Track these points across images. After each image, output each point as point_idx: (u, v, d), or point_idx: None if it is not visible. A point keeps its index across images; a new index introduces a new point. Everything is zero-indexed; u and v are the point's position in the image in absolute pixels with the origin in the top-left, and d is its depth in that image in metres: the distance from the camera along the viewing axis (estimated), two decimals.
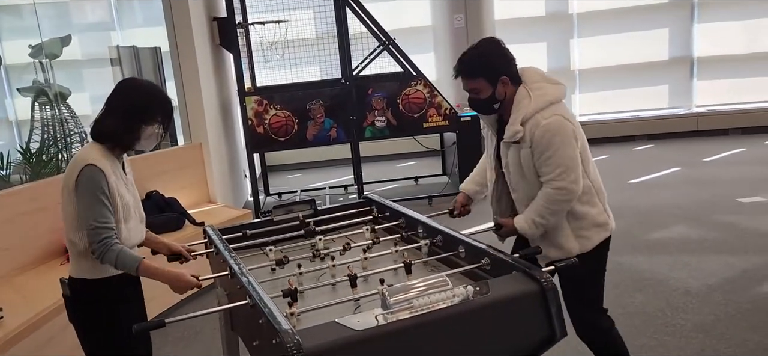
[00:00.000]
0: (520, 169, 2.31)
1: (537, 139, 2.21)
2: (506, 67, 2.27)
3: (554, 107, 2.24)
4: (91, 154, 2.14)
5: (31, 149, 6.32)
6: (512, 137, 2.26)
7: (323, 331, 1.51)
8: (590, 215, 2.34)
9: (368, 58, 6.07)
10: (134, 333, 1.72)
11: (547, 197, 2.26)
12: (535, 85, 2.27)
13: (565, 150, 2.21)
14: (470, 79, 2.29)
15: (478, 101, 2.33)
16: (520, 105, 2.25)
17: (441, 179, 7.12)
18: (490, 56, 2.27)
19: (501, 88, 2.27)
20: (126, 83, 2.28)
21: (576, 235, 2.34)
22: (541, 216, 2.28)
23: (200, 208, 5.18)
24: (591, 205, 2.34)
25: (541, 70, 2.36)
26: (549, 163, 2.22)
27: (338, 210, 2.89)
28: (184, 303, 4.15)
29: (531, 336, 1.72)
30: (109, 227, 2.08)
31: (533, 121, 2.22)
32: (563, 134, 2.20)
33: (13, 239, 3.79)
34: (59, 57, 6.74)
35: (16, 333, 2.96)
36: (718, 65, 8.55)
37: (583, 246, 2.34)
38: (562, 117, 2.22)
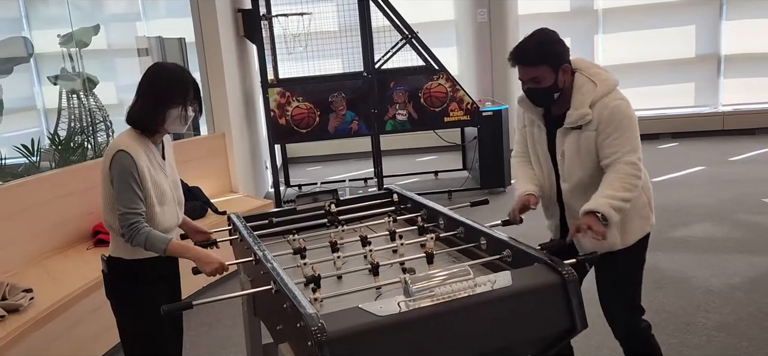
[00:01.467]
0: (577, 155, 2.27)
1: (606, 119, 2.20)
2: (566, 55, 2.26)
3: (617, 92, 2.26)
4: (123, 140, 2.21)
5: (59, 136, 6.47)
6: (578, 120, 2.23)
7: (347, 316, 1.54)
8: (636, 205, 2.28)
9: (391, 52, 6.08)
10: (163, 314, 1.77)
11: (620, 173, 2.18)
12: (593, 71, 2.28)
13: (633, 132, 2.22)
14: (533, 66, 2.22)
15: (538, 91, 2.26)
16: (583, 90, 2.24)
17: (461, 173, 7.12)
18: (553, 44, 2.24)
19: (562, 76, 2.24)
20: (153, 68, 2.32)
21: (618, 228, 2.27)
22: (623, 190, 2.17)
23: (222, 197, 5.26)
24: (637, 196, 2.29)
25: (586, 59, 2.37)
26: (617, 142, 2.19)
27: (360, 201, 2.92)
28: (208, 288, 4.22)
29: (551, 327, 1.73)
30: (138, 213, 2.14)
31: (601, 103, 2.21)
32: (631, 119, 2.23)
33: (43, 224, 3.90)
34: (89, 46, 6.87)
35: (47, 313, 3.05)
36: (746, 63, 8.39)
37: (625, 240, 2.30)
38: (626, 101, 2.24)
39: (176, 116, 2.24)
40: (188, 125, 2.37)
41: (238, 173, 5.67)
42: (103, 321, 3.24)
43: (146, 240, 2.14)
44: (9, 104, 7.11)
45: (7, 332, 2.85)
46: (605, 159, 2.23)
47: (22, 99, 8.25)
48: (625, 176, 2.18)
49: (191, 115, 2.31)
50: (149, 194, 2.20)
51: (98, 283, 3.27)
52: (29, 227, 3.79)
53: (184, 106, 2.25)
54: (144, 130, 2.26)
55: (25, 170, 5.91)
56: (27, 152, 5.94)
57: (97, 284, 3.30)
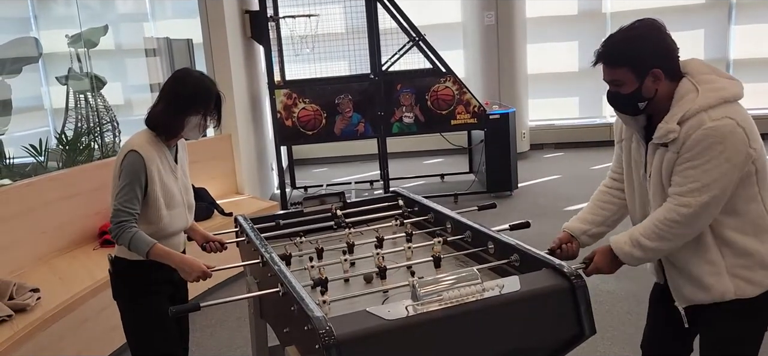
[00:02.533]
0: (659, 178, 1.85)
1: (692, 142, 1.72)
2: (662, 58, 1.80)
3: (729, 107, 1.74)
4: (137, 141, 2.22)
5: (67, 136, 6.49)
6: (663, 137, 1.78)
7: (355, 319, 1.53)
8: (758, 252, 1.81)
9: (398, 54, 6.08)
10: (170, 315, 1.77)
11: (662, 213, 1.79)
12: (703, 78, 1.79)
13: (720, 164, 1.70)
14: (612, 67, 1.81)
15: (618, 97, 1.84)
16: (684, 100, 1.76)
17: (467, 177, 7.11)
18: (642, 42, 1.81)
19: (650, 83, 1.79)
20: (178, 74, 2.33)
21: (732, 273, 1.82)
22: (647, 236, 1.81)
23: (228, 198, 5.26)
24: (760, 240, 1.81)
25: (708, 64, 1.86)
26: (688, 173, 1.74)
27: (367, 203, 2.91)
28: (215, 289, 4.23)
29: (560, 332, 1.72)
30: (130, 213, 2.15)
31: (696, 119, 1.72)
32: (728, 145, 1.70)
33: (50, 223, 3.91)
34: (97, 46, 6.90)
35: (54, 313, 3.06)
36: (755, 68, 8.35)
37: (740, 290, 1.82)
38: (735, 123, 1.71)
39: (195, 124, 2.25)
40: (203, 133, 2.37)
41: (244, 174, 5.68)
42: (110, 320, 3.25)
43: (131, 241, 2.14)
44: (17, 104, 7.14)
45: (15, 331, 2.85)
46: (670, 188, 1.80)
47: (30, 99, 8.28)
48: (664, 221, 1.78)
49: (210, 125, 2.31)
50: (157, 198, 2.21)
51: (105, 283, 3.27)
52: (36, 227, 3.81)
53: (204, 115, 2.26)
54: (161, 133, 2.26)
55: (33, 169, 5.94)
56: (35, 151, 5.97)
57: (104, 284, 3.30)
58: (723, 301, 1.83)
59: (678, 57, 1.83)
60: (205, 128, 2.32)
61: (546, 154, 8.36)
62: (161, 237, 2.26)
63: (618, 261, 1.89)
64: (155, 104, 2.27)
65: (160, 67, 6.42)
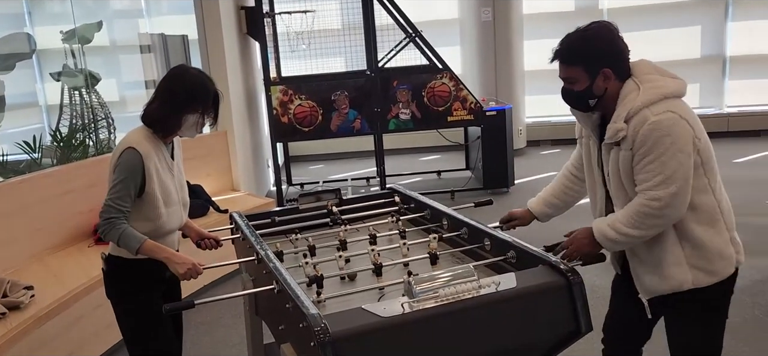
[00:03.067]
0: (618, 177, 1.94)
1: (641, 138, 1.82)
2: (612, 58, 1.90)
3: (669, 102, 1.84)
4: (135, 138, 2.19)
5: (61, 132, 6.46)
6: (613, 136, 1.89)
7: (350, 317, 1.52)
8: (713, 243, 1.91)
9: (394, 50, 6.06)
10: (164, 313, 1.76)
11: (636, 207, 1.86)
12: (645, 77, 1.89)
13: (673, 155, 1.79)
14: (566, 65, 1.94)
15: (570, 93, 1.97)
16: (627, 99, 1.87)
17: (464, 173, 7.10)
18: (595, 43, 1.91)
19: (601, 82, 1.90)
20: (175, 71, 2.30)
21: (691, 265, 1.92)
22: (626, 224, 1.88)
23: (224, 195, 5.24)
24: (715, 230, 1.92)
25: (655, 64, 1.96)
26: (649, 168, 1.82)
27: (363, 200, 2.90)
28: (210, 287, 4.22)
29: (556, 329, 1.72)
30: (121, 210, 2.12)
31: (640, 117, 1.83)
32: (675, 136, 1.79)
33: (45, 220, 3.89)
34: (91, 42, 6.86)
35: (48, 311, 3.04)
36: (752, 65, 8.36)
37: (697, 280, 1.92)
38: (677, 115, 1.81)
39: (192, 123, 2.23)
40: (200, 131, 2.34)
41: (239, 171, 5.66)
42: (104, 318, 3.23)
43: (120, 237, 2.11)
44: (11, 100, 7.09)
45: (8, 329, 2.83)
46: (637, 186, 1.88)
47: (24, 95, 8.24)
48: (639, 213, 1.85)
49: (207, 123, 2.29)
50: (155, 196, 2.19)
51: (99, 281, 3.24)
52: (30, 224, 3.78)
53: (202, 114, 2.24)
54: (158, 131, 2.24)
55: (27, 166, 5.90)
56: (29, 148, 5.94)
57: (99, 281, 3.28)
58: (681, 291, 1.92)
59: (628, 59, 1.94)
60: (203, 126, 2.29)
61: (543, 150, 8.36)
62: (159, 235, 2.24)
63: (597, 245, 1.96)
64: (151, 102, 2.24)
65: (155, 63, 6.39)
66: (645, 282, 1.99)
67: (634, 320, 2.14)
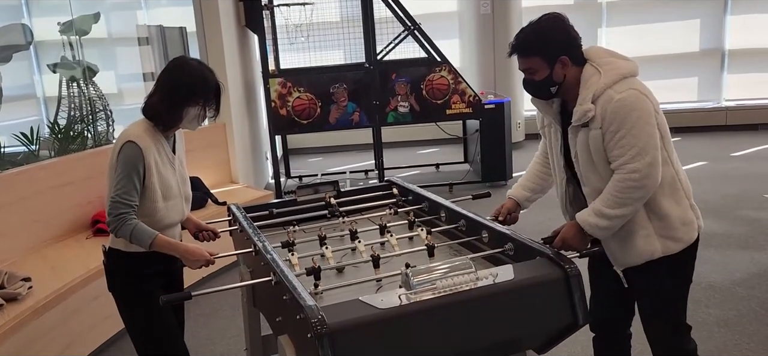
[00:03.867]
0: (588, 156, 2.02)
1: (609, 116, 1.92)
2: (567, 46, 2.01)
3: (629, 81, 1.96)
4: (135, 131, 2.17)
5: (59, 124, 6.44)
6: (582, 118, 1.98)
7: (347, 308, 1.52)
8: (675, 212, 2.03)
9: (393, 43, 6.05)
10: (162, 304, 1.76)
11: (617, 184, 1.94)
12: (603, 61, 2.01)
13: (642, 128, 1.90)
14: (525, 57, 2.03)
15: (532, 83, 2.06)
16: (589, 82, 1.98)
17: (462, 166, 7.10)
18: (550, 33, 2.01)
19: (559, 69, 2.00)
20: (175, 63, 2.27)
21: (659, 235, 2.03)
22: (610, 206, 1.94)
23: (222, 188, 5.24)
24: (675, 200, 2.04)
25: (607, 48, 2.10)
26: (622, 143, 1.91)
27: (361, 192, 2.90)
28: (208, 279, 4.21)
29: (554, 321, 1.72)
30: (129, 204, 2.10)
31: (605, 96, 1.94)
32: (641, 110, 1.91)
33: (42, 212, 3.88)
34: (89, 34, 6.83)
35: (45, 302, 3.04)
36: (750, 58, 8.35)
37: (667, 248, 2.03)
38: (638, 92, 1.94)
39: (194, 116, 2.21)
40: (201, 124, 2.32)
41: (238, 163, 5.65)
42: (102, 310, 3.24)
43: (132, 233, 2.10)
44: (8, 92, 7.07)
45: (6, 321, 2.83)
46: (612, 163, 1.97)
47: (22, 87, 8.21)
48: (621, 189, 1.93)
49: (209, 116, 2.27)
50: (154, 189, 2.17)
51: (97, 273, 3.26)
52: (28, 216, 3.78)
53: (204, 106, 2.22)
54: (159, 124, 2.22)
55: (24, 158, 5.89)
56: (26, 140, 5.92)
57: (96, 273, 3.28)
58: (652, 260, 2.04)
59: (581, 45, 2.06)
60: (204, 118, 2.27)
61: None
62: (161, 228, 2.22)
63: (586, 236, 2.03)
64: (152, 94, 2.21)
65: (153, 56, 6.36)
66: (618, 256, 2.10)
67: (615, 293, 2.25)
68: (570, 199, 2.20)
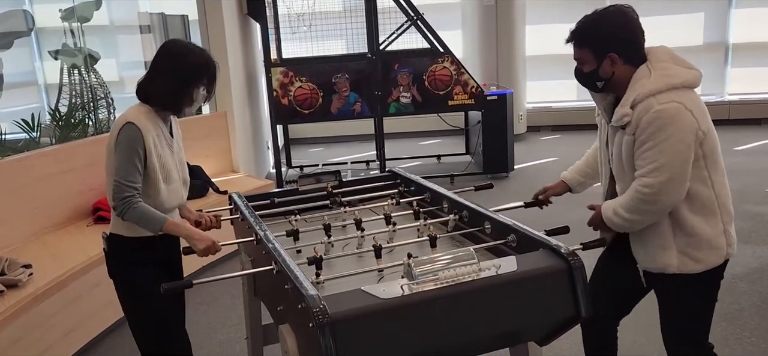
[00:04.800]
0: (620, 159, 2.02)
1: (643, 125, 1.88)
2: (621, 43, 1.97)
3: (676, 93, 1.88)
4: (133, 114, 2.15)
5: (60, 111, 6.43)
6: (619, 120, 1.95)
7: (349, 298, 1.51)
8: (705, 233, 1.97)
9: (396, 33, 6.02)
10: (163, 292, 1.75)
11: (632, 192, 1.95)
12: (659, 65, 1.95)
13: (671, 145, 1.85)
14: (577, 47, 2.03)
15: (581, 73, 2.06)
16: (637, 84, 1.93)
17: (464, 158, 7.08)
18: (606, 27, 1.99)
19: (607, 65, 1.97)
20: (173, 46, 2.25)
21: (679, 250, 2.00)
22: (625, 209, 1.98)
23: (223, 177, 5.23)
24: (708, 222, 1.98)
25: (672, 51, 2.03)
26: (645, 155, 1.89)
27: (363, 182, 2.89)
28: (208, 267, 4.21)
29: (556, 313, 1.71)
30: (133, 186, 2.09)
31: (645, 104, 1.88)
32: (677, 127, 1.84)
33: (43, 199, 3.87)
34: (90, 21, 6.80)
35: (46, 289, 3.04)
36: (754, 52, 8.31)
37: (684, 266, 2.00)
38: (683, 106, 1.86)
39: (198, 97, 2.21)
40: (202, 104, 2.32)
41: (239, 152, 5.64)
42: (102, 297, 3.24)
43: (141, 217, 2.09)
44: (9, 79, 7.05)
45: (6, 307, 2.83)
46: (635, 172, 1.95)
47: (23, 74, 8.18)
48: (633, 198, 1.94)
49: (207, 96, 2.27)
50: (155, 171, 2.16)
51: (98, 260, 3.25)
52: (29, 203, 3.77)
53: (207, 88, 2.22)
54: (167, 109, 2.21)
55: (25, 145, 5.88)
56: (27, 127, 5.91)
57: (97, 260, 3.28)
58: (665, 273, 2.02)
59: (641, 44, 2.01)
60: (206, 99, 2.27)
61: (543, 136, 8.33)
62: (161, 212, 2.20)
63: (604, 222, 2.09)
64: (150, 79, 2.19)
65: (155, 43, 6.34)
66: (639, 255, 2.10)
67: (620, 289, 2.25)
68: (610, 192, 2.17)
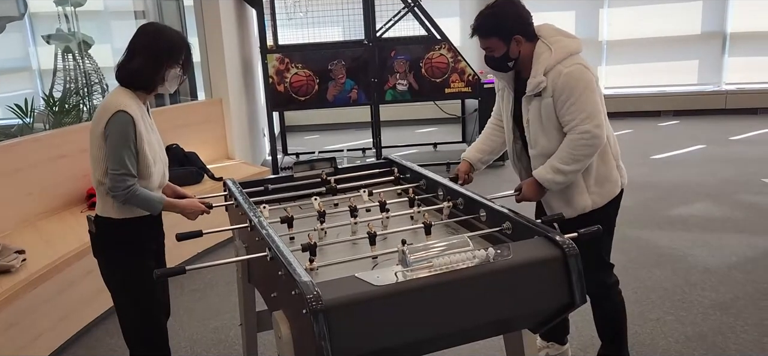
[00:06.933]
0: (539, 122, 2.35)
1: (559, 87, 2.25)
2: (520, 26, 2.31)
3: (574, 57, 2.29)
4: (121, 99, 2.17)
5: (54, 97, 6.38)
6: (535, 88, 2.30)
7: (343, 285, 1.51)
8: (604, 172, 2.39)
9: (392, 20, 5.98)
10: (155, 278, 1.75)
11: (570, 143, 2.27)
12: (553, 39, 2.32)
13: (588, 95, 2.24)
14: (484, 38, 2.34)
15: (493, 59, 2.38)
16: (541, 58, 2.30)
17: (460, 146, 7.06)
18: (504, 16, 2.31)
19: (514, 47, 2.31)
20: (151, 27, 2.31)
21: (590, 191, 2.39)
22: (565, 162, 2.29)
23: (219, 163, 5.21)
24: (604, 160, 2.39)
25: (555, 26, 2.40)
26: (572, 109, 2.25)
27: (358, 170, 2.88)
28: (202, 255, 4.21)
29: (551, 301, 1.70)
30: (133, 175, 2.15)
31: (555, 71, 2.26)
32: (586, 81, 2.25)
33: (37, 185, 3.85)
34: (83, 5, 6.73)
35: (38, 275, 3.02)
36: (752, 42, 8.30)
37: (595, 202, 2.40)
38: (582, 66, 2.27)
39: (174, 76, 2.25)
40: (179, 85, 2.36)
41: (234, 139, 5.61)
42: (97, 283, 3.19)
43: (144, 201, 2.19)
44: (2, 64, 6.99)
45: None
46: (564, 127, 2.30)
47: (16, 59, 8.11)
48: (574, 147, 2.26)
49: (184, 76, 2.31)
50: (145, 154, 2.20)
51: None
52: (22, 189, 3.75)
53: (183, 67, 2.26)
54: (140, 89, 2.24)
55: (19, 130, 5.84)
56: (21, 112, 5.86)
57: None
58: (584, 212, 2.38)
59: (532, 23, 2.36)
60: (182, 79, 2.32)
61: None
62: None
63: (542, 189, 2.38)
64: (127, 61, 2.22)
65: None
66: (555, 209, 2.42)
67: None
68: (517, 155, 2.57)
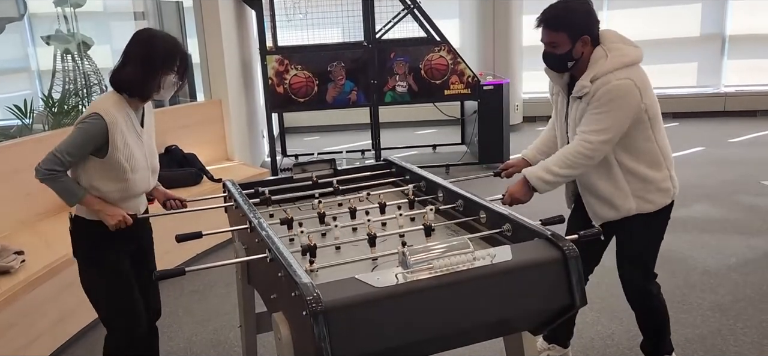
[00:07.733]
0: (576, 125, 2.31)
1: (599, 94, 2.19)
2: (590, 27, 2.24)
3: (629, 70, 2.21)
4: (103, 105, 2.19)
5: (53, 98, 6.38)
6: (579, 91, 2.26)
7: (343, 286, 1.50)
8: (654, 179, 2.34)
9: (392, 22, 5.98)
10: (155, 279, 1.75)
11: (570, 147, 2.27)
12: (613, 46, 2.24)
13: (616, 114, 2.18)
14: (552, 31, 2.24)
15: (553, 56, 2.29)
16: (597, 64, 2.23)
17: (459, 148, 7.08)
18: (578, 12, 2.24)
19: (579, 46, 2.23)
20: (145, 34, 2.29)
21: (635, 195, 2.35)
22: (558, 165, 2.28)
23: (218, 165, 5.21)
24: (656, 169, 2.34)
25: (619, 32, 2.33)
26: (592, 117, 2.21)
27: (358, 171, 2.87)
28: (202, 256, 4.20)
29: (551, 302, 1.70)
30: (64, 164, 2.16)
31: (604, 79, 2.20)
32: (625, 102, 2.18)
33: (36, 186, 3.76)
34: (83, 6, 6.73)
35: (38, 276, 3.02)
36: (751, 44, 8.31)
37: (641, 208, 2.36)
38: (633, 83, 2.19)
39: (170, 83, 2.25)
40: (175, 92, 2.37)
41: (234, 140, 5.61)
42: None
43: (62, 190, 2.18)
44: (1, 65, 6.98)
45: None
46: (576, 128, 2.28)
47: (16, 60, 8.11)
48: (571, 153, 2.25)
49: (180, 84, 2.31)
50: (119, 162, 2.20)
51: None
52: (21, 189, 3.74)
53: (178, 74, 2.25)
54: (134, 95, 2.24)
55: (18, 131, 5.84)
56: (20, 113, 5.86)
57: None
58: (628, 216, 2.36)
59: (599, 27, 2.30)
60: (179, 87, 2.31)
61: (539, 127, 8.32)
62: (126, 197, 2.29)
63: (531, 190, 2.36)
64: (122, 67, 2.22)
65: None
66: (597, 211, 2.42)
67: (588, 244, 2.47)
68: None
